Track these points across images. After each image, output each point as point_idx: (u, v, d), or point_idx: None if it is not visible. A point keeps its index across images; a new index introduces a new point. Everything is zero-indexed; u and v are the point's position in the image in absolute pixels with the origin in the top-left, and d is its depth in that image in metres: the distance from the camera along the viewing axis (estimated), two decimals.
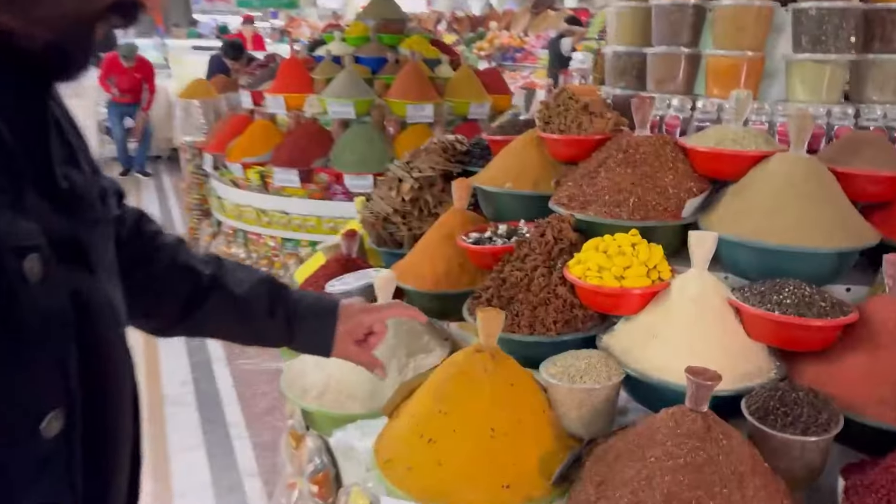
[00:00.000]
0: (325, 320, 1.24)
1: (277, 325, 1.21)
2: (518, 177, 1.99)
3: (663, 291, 1.53)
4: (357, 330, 1.27)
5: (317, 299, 1.27)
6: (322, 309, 1.25)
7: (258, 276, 1.23)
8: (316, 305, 1.25)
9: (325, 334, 1.24)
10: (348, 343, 1.27)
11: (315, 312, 1.24)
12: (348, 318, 1.26)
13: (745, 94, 1.68)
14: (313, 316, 1.23)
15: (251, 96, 5.43)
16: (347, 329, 1.25)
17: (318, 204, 4.93)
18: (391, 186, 2.32)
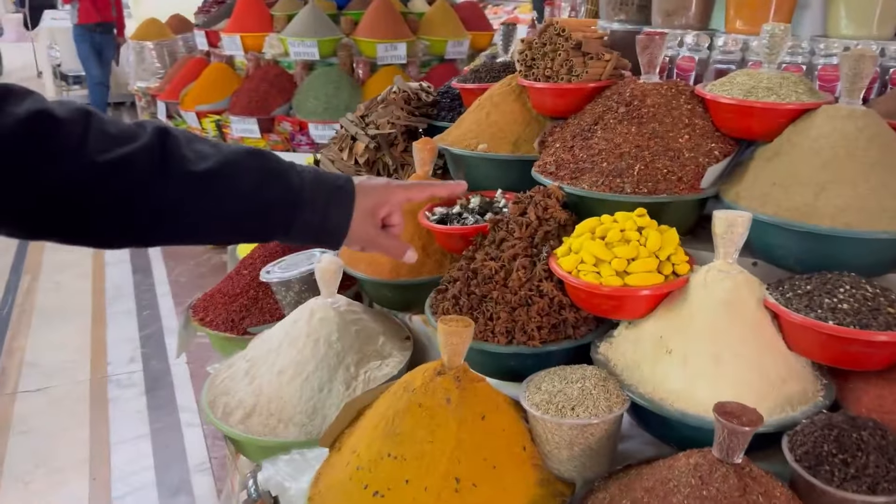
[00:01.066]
0: (337, 195, 0.95)
1: (270, 207, 0.90)
2: (494, 136, 1.61)
3: (679, 290, 1.18)
4: (378, 208, 1.00)
5: (321, 171, 0.97)
6: (330, 183, 0.96)
7: (229, 147, 0.91)
8: (322, 178, 0.95)
9: (340, 213, 0.95)
10: (369, 224, 0.99)
11: (322, 187, 0.94)
12: (366, 194, 0.98)
13: (782, 28, 1.30)
14: (321, 190, 0.94)
15: (206, 36, 4.92)
16: (367, 206, 0.98)
17: (282, 156, 4.49)
18: (343, 146, 1.93)
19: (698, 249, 1.34)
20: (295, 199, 0.91)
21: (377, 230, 1.00)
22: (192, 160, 0.84)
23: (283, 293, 1.67)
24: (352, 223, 0.96)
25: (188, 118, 4.60)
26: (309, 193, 0.92)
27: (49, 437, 2.75)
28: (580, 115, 1.50)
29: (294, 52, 4.48)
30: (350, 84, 4.53)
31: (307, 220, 0.93)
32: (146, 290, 4.02)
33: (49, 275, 4.19)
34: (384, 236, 1.02)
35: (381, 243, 1.02)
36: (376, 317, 1.57)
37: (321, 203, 0.93)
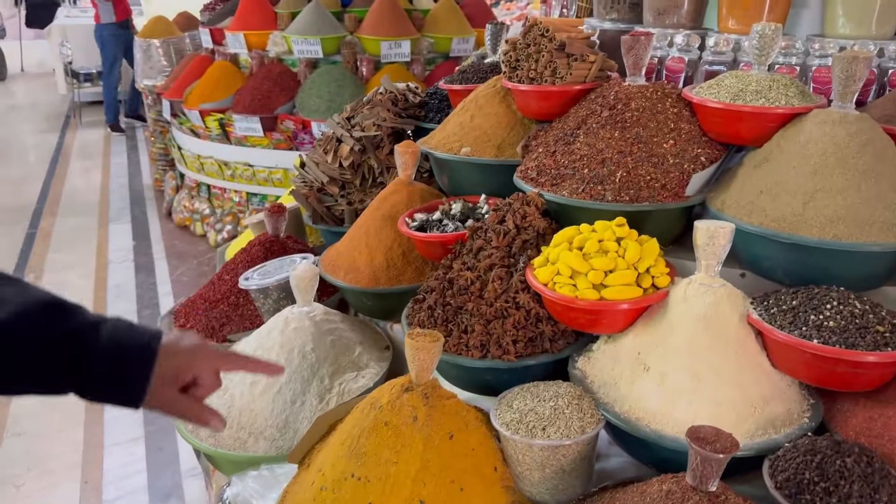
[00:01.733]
0: (135, 357, 0.87)
1: (58, 363, 0.83)
2: (478, 139, 1.57)
3: (658, 304, 1.13)
4: (182, 374, 0.91)
5: (128, 328, 0.89)
6: (133, 342, 0.87)
7: (33, 295, 0.84)
8: (125, 337, 0.87)
9: (135, 376, 0.87)
10: (168, 390, 0.90)
11: (122, 346, 0.86)
12: (171, 356, 0.89)
13: (773, 28, 1.24)
14: (118, 351, 0.86)
15: (211, 34, 4.90)
16: (168, 372, 0.89)
17: (284, 155, 4.48)
18: (328, 148, 1.89)
19: (685, 259, 1.28)
20: (86, 360, 0.84)
21: (175, 396, 0.90)
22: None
23: (262, 300, 1.64)
24: (150, 387, 0.87)
25: (192, 116, 4.59)
26: (104, 353, 0.84)
27: (43, 439, 2.74)
28: (564, 119, 1.44)
29: (297, 50, 4.45)
30: (353, 82, 4.49)
31: (98, 382, 0.85)
32: (148, 289, 4.01)
33: (52, 274, 4.20)
34: (185, 402, 0.92)
35: (180, 410, 0.92)
36: (354, 326, 1.53)
37: (116, 365, 0.85)
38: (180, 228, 4.93)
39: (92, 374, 0.84)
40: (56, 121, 8.09)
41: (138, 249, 4.59)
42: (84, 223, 5.03)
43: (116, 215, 5.19)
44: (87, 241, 4.71)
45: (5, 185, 5.77)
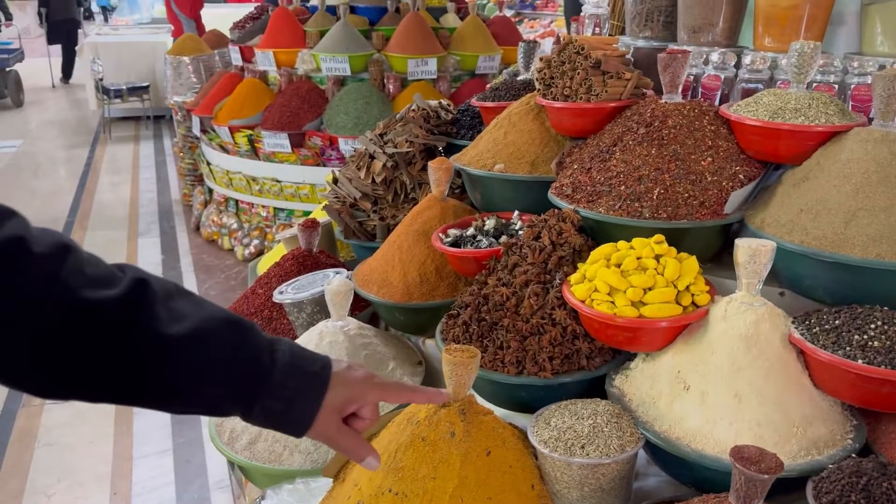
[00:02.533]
0: (308, 384, 0.84)
1: (233, 387, 0.81)
2: (511, 156, 1.57)
3: (698, 323, 1.12)
4: (348, 405, 0.88)
5: (301, 353, 0.86)
6: (308, 370, 0.85)
7: (209, 311, 0.81)
8: (300, 364, 0.84)
9: (305, 404, 0.84)
10: (333, 420, 0.87)
11: (297, 373, 0.84)
12: (340, 387, 0.86)
13: (812, 46, 1.24)
14: (293, 378, 0.83)
15: (240, 52, 4.99)
16: (336, 402, 0.86)
17: (312, 171, 4.53)
18: (360, 165, 1.90)
19: (723, 277, 1.28)
20: (260, 383, 0.82)
21: (339, 427, 0.88)
22: (164, 320, 0.75)
23: (296, 314, 1.65)
24: (318, 417, 0.85)
25: (221, 133, 4.66)
26: (278, 378, 0.82)
27: (73, 450, 2.78)
28: (599, 136, 1.45)
29: (326, 68, 4.51)
30: (381, 99, 4.53)
31: (268, 407, 0.83)
32: None
33: None
34: (345, 436, 0.89)
35: (340, 443, 0.89)
36: (388, 341, 1.54)
37: (289, 391, 0.83)
38: (208, 242, 4.99)
39: (265, 399, 0.82)
40: (86, 136, 8.25)
41: (167, 263, 4.65)
42: (114, 236, 5.11)
43: (145, 229, 5.27)
44: (117, 255, 4.78)
45: (38, 199, 5.88)
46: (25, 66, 11.97)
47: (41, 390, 0.75)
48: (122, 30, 10.66)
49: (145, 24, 11.69)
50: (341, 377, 0.86)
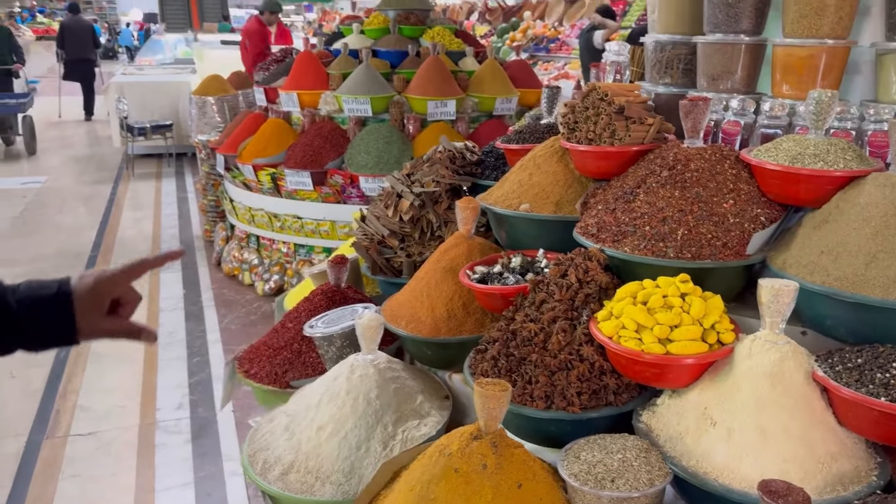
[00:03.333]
0: (56, 302, 1.02)
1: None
2: (537, 196, 1.63)
3: (724, 360, 1.15)
4: (101, 302, 1.06)
5: (39, 284, 1.04)
6: (47, 291, 1.03)
7: None
8: (40, 289, 1.03)
9: (63, 318, 1.02)
10: (96, 320, 1.05)
11: (40, 297, 1.02)
12: (85, 292, 1.04)
13: (829, 94, 1.29)
14: (38, 301, 1.02)
15: (265, 93, 5.13)
16: (87, 306, 1.04)
17: (332, 208, 4.62)
18: (388, 203, 1.97)
19: (745, 316, 1.31)
20: (9, 322, 0.99)
21: (105, 320, 1.05)
22: None
23: (326, 348, 1.69)
24: (78, 323, 1.02)
25: (245, 171, 4.77)
26: (24, 313, 1.00)
27: (96, 482, 2.80)
28: (623, 178, 1.50)
29: (348, 109, 4.63)
30: (401, 139, 4.64)
31: (30, 334, 1.01)
32: (198, 336, 4.11)
33: None
34: (116, 325, 1.06)
35: (113, 331, 1.06)
36: (416, 375, 1.57)
37: (39, 320, 1.00)
38: (229, 278, 5.06)
39: (22, 330, 1.00)
40: (110, 172, 8.43)
41: (188, 297, 4.72)
42: None
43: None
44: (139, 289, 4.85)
45: (62, 233, 6.00)
46: (50, 102, 12.36)
47: None
48: (146, 70, 10.96)
49: (168, 65, 12.02)
50: (81, 284, 1.04)
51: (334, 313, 1.78)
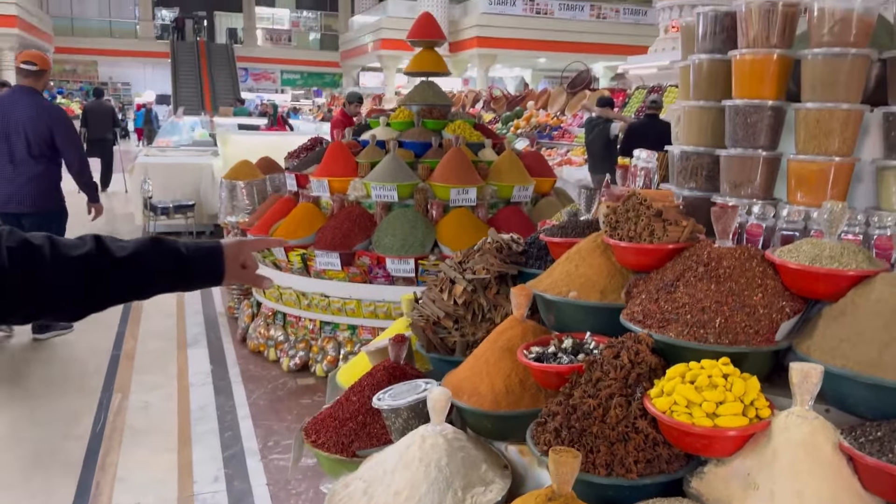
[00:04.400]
0: (212, 253, 1.50)
1: (171, 271, 1.44)
2: (583, 285, 1.84)
3: (762, 432, 1.34)
4: (238, 257, 1.54)
5: (197, 244, 1.51)
6: (206, 249, 1.51)
7: (137, 240, 1.44)
8: (200, 247, 1.50)
9: (215, 264, 1.50)
10: (234, 268, 1.53)
11: (202, 248, 1.50)
12: (229, 250, 1.53)
13: (840, 206, 1.53)
14: (201, 250, 1.49)
15: (296, 179, 5.44)
16: (230, 257, 1.52)
17: (359, 287, 4.84)
18: (443, 288, 2.18)
19: (775, 395, 1.50)
20: (184, 264, 1.45)
21: (240, 270, 1.54)
22: (116, 251, 1.36)
23: (393, 419, 1.87)
24: (224, 269, 1.50)
25: (276, 252, 5.01)
26: (194, 257, 1.47)
27: None
28: (662, 271, 1.72)
29: (375, 195, 4.92)
30: (424, 223, 4.90)
31: (196, 273, 1.48)
32: (228, 411, 4.24)
33: (138, 395, 4.47)
34: (246, 274, 1.56)
35: (244, 277, 1.56)
36: (478, 445, 1.75)
37: (203, 262, 1.48)
38: (254, 354, 5.22)
39: (190, 271, 1.47)
40: None
41: (216, 373, 4.87)
42: (164, 346, 5.37)
43: (193, 340, 5.52)
44: (169, 363, 5.02)
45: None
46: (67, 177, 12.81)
47: (85, 312, 1.37)
48: (168, 151, 11.42)
49: (187, 146, 12.50)
50: (226, 245, 1.53)
51: (398, 388, 1.97)
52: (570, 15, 26.74)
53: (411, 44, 5.88)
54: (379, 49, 28.56)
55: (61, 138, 5.20)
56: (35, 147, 5.09)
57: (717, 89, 2.00)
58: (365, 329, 4.93)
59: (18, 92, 5.22)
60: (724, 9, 1.94)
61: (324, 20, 40.09)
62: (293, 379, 4.80)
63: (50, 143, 5.16)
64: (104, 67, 33.67)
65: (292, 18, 40.03)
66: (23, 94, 5.15)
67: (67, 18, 33.95)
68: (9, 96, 5.24)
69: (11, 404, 4.33)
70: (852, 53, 1.72)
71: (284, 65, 37.42)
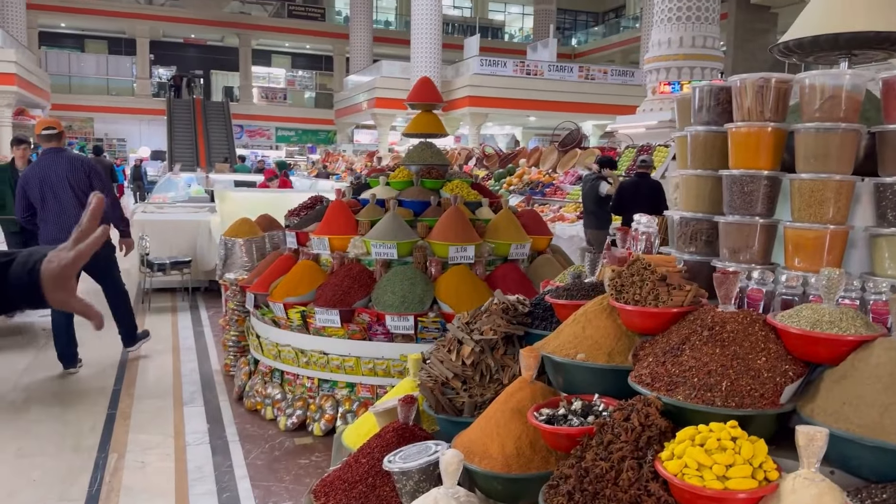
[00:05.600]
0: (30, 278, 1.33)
1: None
2: (591, 347, 1.90)
3: (772, 494, 1.38)
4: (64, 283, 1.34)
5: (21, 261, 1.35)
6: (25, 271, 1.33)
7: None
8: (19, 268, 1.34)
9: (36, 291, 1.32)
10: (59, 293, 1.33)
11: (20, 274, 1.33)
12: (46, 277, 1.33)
13: (837, 273, 1.60)
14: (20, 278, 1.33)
15: (296, 237, 5.51)
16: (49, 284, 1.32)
17: (358, 344, 4.86)
18: (450, 348, 2.23)
19: (780, 457, 1.54)
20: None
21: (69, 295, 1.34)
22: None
23: (403, 482, 1.89)
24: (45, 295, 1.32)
25: (275, 308, 5.04)
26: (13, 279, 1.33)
27: None
28: (667, 334, 1.78)
29: (375, 252, 4.99)
30: (424, 280, 4.96)
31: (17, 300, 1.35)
32: (225, 471, 4.20)
33: (134, 454, 4.42)
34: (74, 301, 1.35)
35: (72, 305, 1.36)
36: None
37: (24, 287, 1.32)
38: (250, 412, 5.19)
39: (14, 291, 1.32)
40: None
41: (213, 432, 4.83)
42: (160, 405, 5.33)
43: (189, 398, 5.49)
44: (165, 422, 4.98)
45: (86, 369, 6.13)
46: None
47: None
48: (165, 208, 11.50)
49: (183, 202, 12.60)
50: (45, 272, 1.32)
51: (407, 450, 1.99)
52: (559, 76, 27.52)
53: (410, 106, 6.06)
54: (373, 107, 29.18)
55: (98, 182, 5.91)
56: (81, 195, 5.77)
57: (713, 159, 2.11)
58: (364, 387, 4.93)
59: (51, 154, 5.85)
60: (719, 84, 2.06)
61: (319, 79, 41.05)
62: (290, 438, 4.76)
63: (89, 188, 5.78)
64: (100, 124, 34.10)
65: (288, 77, 40.97)
66: (55, 154, 5.83)
67: (65, 76, 34.58)
68: (44, 160, 5.85)
69: (6, 462, 4.27)
70: (843, 128, 1.83)
71: (280, 122, 38.11)
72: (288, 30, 38.32)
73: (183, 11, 34.74)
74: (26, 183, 5.76)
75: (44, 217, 5.80)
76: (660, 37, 16.15)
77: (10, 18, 28.92)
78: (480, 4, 43.78)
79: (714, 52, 16.01)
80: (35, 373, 6.01)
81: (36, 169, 5.85)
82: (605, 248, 2.47)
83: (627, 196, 7.97)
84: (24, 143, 6.72)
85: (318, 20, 39.01)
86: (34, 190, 5.75)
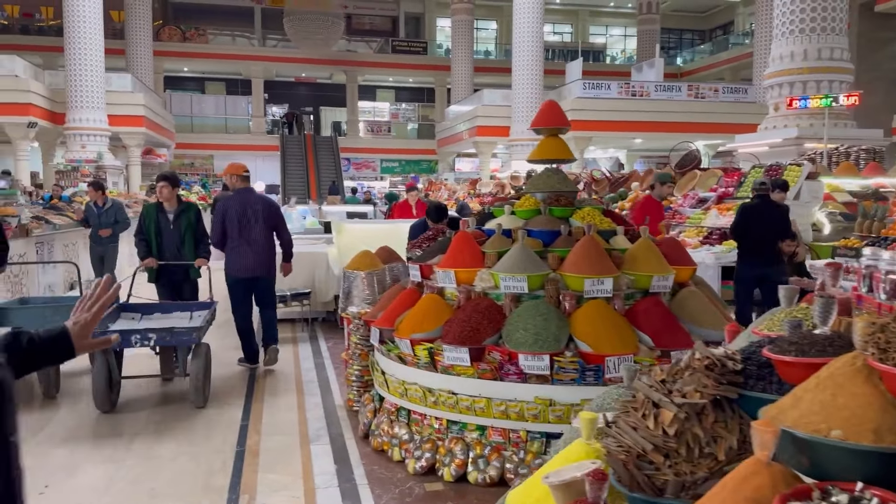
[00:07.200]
0: (62, 336, 1.85)
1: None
2: (848, 421, 1.50)
3: None
4: (84, 335, 1.87)
5: (48, 332, 1.84)
6: (55, 332, 1.84)
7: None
8: (50, 333, 1.84)
9: (66, 347, 1.85)
10: (82, 345, 1.87)
11: (51, 336, 1.83)
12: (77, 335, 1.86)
13: None
14: (50, 340, 1.83)
15: (420, 270, 5.31)
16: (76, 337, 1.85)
17: (489, 385, 4.57)
18: (645, 413, 1.87)
19: None
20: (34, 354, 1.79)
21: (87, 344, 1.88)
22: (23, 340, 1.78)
23: None
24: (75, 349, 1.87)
25: (402, 345, 4.84)
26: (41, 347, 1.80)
27: None
28: None
29: (504, 286, 4.70)
30: (558, 316, 4.62)
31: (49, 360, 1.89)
32: None
33: (264, 496, 4.29)
34: (90, 344, 1.90)
35: (92, 347, 1.91)
36: None
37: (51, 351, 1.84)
38: (377, 452, 4.98)
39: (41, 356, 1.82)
40: None
41: (341, 473, 4.64)
42: (287, 442, 5.22)
43: (315, 435, 5.36)
44: (292, 462, 4.84)
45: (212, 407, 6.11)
46: None
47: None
48: None
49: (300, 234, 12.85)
50: (73, 331, 1.85)
51: None
52: (666, 95, 26.60)
53: (535, 132, 5.78)
54: (475, 136, 29.23)
55: (278, 220, 7.10)
56: (268, 229, 6.91)
57: None
58: (495, 430, 4.60)
59: (247, 192, 7.08)
60: None
61: (421, 111, 41.80)
62: (420, 483, 4.50)
63: (273, 225, 6.99)
64: (219, 161, 36.00)
65: (392, 111, 41.99)
66: (249, 192, 7.11)
67: (187, 117, 36.90)
68: (244, 196, 6.96)
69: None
70: None
71: (384, 154, 39.00)
72: (392, 65, 39.38)
73: (294, 52, 36.37)
74: (226, 214, 6.77)
75: (234, 246, 6.78)
76: (781, 51, 15.22)
77: (139, 65, 31.27)
78: (581, 28, 43.34)
79: (842, 64, 14.91)
80: (165, 408, 6.07)
81: (236, 203, 6.82)
82: (816, 288, 2.05)
83: (750, 219, 7.33)
84: (166, 182, 7.02)
85: (421, 54, 39.86)
86: (233, 221, 6.74)
